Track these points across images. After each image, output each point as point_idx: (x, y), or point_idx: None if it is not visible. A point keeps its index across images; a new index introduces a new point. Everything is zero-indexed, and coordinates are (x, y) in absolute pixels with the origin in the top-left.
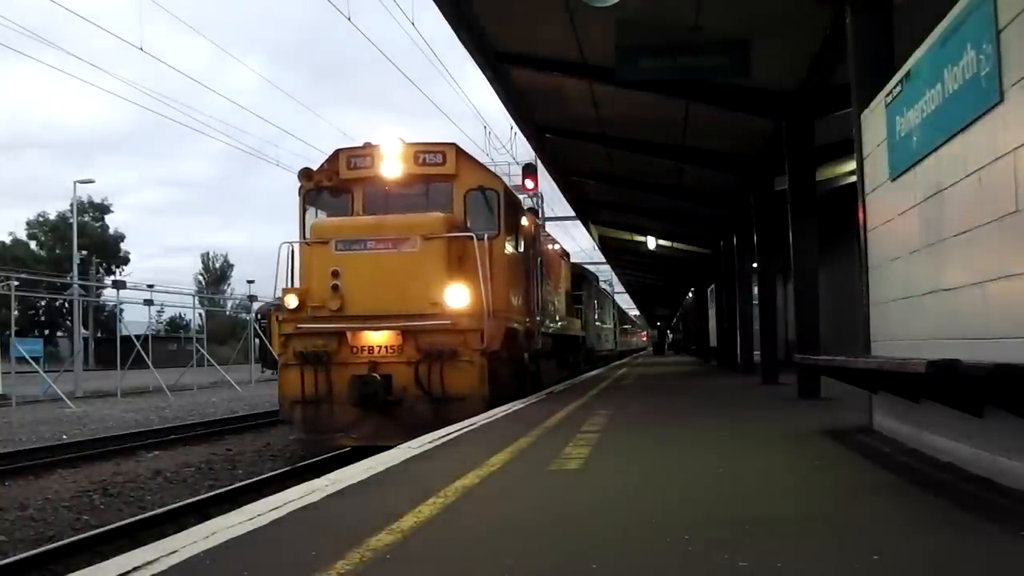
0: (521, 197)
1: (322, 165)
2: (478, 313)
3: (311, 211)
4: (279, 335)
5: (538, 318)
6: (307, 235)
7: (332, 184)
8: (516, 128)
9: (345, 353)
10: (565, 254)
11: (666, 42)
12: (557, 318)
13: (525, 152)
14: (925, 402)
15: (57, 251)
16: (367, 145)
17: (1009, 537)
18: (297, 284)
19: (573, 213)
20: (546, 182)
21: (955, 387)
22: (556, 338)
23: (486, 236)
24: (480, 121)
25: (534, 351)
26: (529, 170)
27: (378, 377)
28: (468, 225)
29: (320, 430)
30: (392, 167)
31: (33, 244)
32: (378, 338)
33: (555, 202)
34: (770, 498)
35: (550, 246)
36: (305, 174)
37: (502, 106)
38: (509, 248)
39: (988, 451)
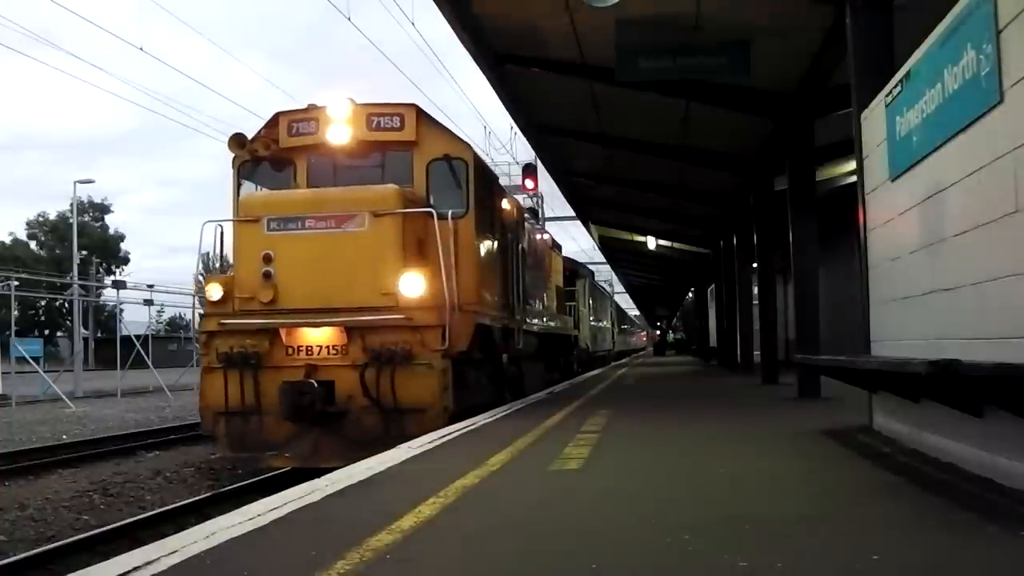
0: (521, 197)
1: (259, 131)
2: (439, 306)
3: (248, 187)
4: (201, 332)
5: (518, 315)
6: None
7: (270, 154)
8: (516, 128)
9: (279, 355)
10: (556, 246)
11: (666, 42)
12: (544, 315)
13: (525, 152)
14: (925, 402)
15: (57, 251)
16: (311, 107)
17: (1009, 537)
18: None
19: (573, 213)
20: (546, 182)
21: (955, 387)
22: (543, 337)
23: (450, 215)
24: (480, 121)
25: (514, 352)
26: (529, 170)
27: (315, 384)
28: (431, 202)
29: (248, 447)
30: (340, 132)
31: (33, 244)
32: (318, 336)
33: (555, 202)
34: (770, 498)
35: (538, 236)
36: (237, 141)
37: (502, 106)
38: (481, 231)
39: (988, 451)
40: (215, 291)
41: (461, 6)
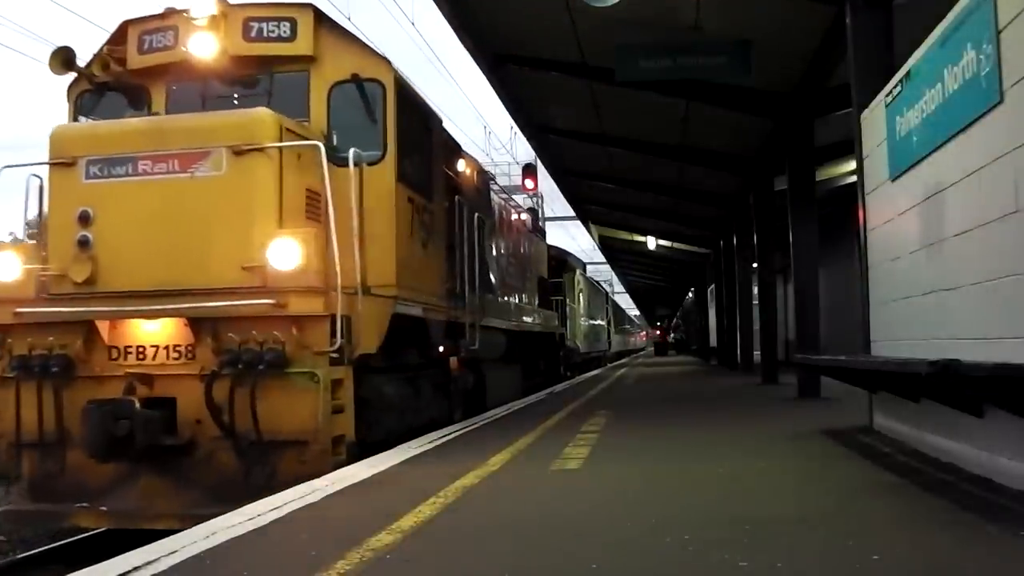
0: (521, 197)
1: (101, 48)
2: (328, 285)
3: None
4: None
5: (474, 307)
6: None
7: (113, 78)
8: (516, 128)
9: (98, 359)
10: (538, 229)
11: (666, 42)
12: (519, 309)
13: (525, 152)
14: (925, 402)
15: None
16: (169, 12)
17: (1009, 537)
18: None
19: (573, 213)
20: (546, 182)
21: (955, 387)
22: (516, 336)
23: (350, 156)
24: (480, 121)
25: (468, 355)
26: (529, 170)
27: (137, 405)
28: (334, 141)
29: (59, 495)
30: (205, 43)
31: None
32: (154, 332)
33: (555, 202)
34: (770, 498)
35: (514, 215)
36: (61, 59)
37: (502, 106)
38: (409, 185)
39: (988, 451)
40: (4, 265)
41: (461, 6)
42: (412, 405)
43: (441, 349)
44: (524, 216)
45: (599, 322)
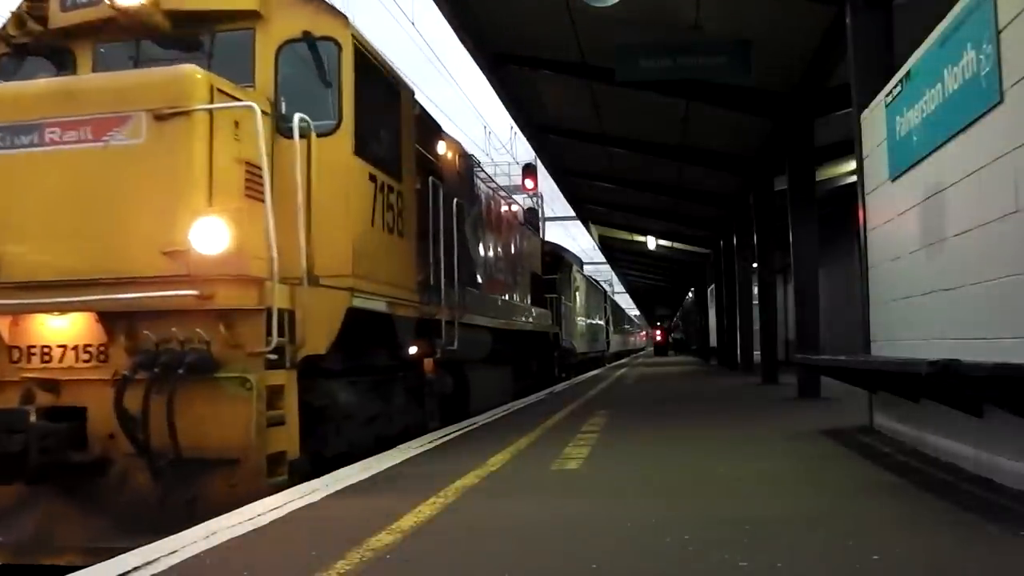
0: (521, 197)
1: (19, 6)
2: (262, 272)
3: None
4: None
5: (453, 302)
6: None
7: (34, 38)
8: (516, 128)
9: None
10: (531, 224)
11: (666, 42)
12: (508, 307)
13: (525, 152)
14: (925, 402)
15: None
16: None
17: (1009, 537)
18: None
19: (573, 213)
20: (546, 182)
21: (955, 387)
22: (505, 336)
23: (295, 123)
24: (480, 121)
25: (446, 356)
26: (529, 170)
27: (30, 415)
28: (283, 108)
29: None
30: None
31: None
32: (60, 329)
33: (555, 202)
34: (770, 498)
35: (504, 206)
36: None
37: (502, 106)
38: (369, 160)
39: (988, 451)
40: None
41: (461, 6)
42: (379, 413)
43: (414, 350)
44: (515, 208)
45: (597, 321)
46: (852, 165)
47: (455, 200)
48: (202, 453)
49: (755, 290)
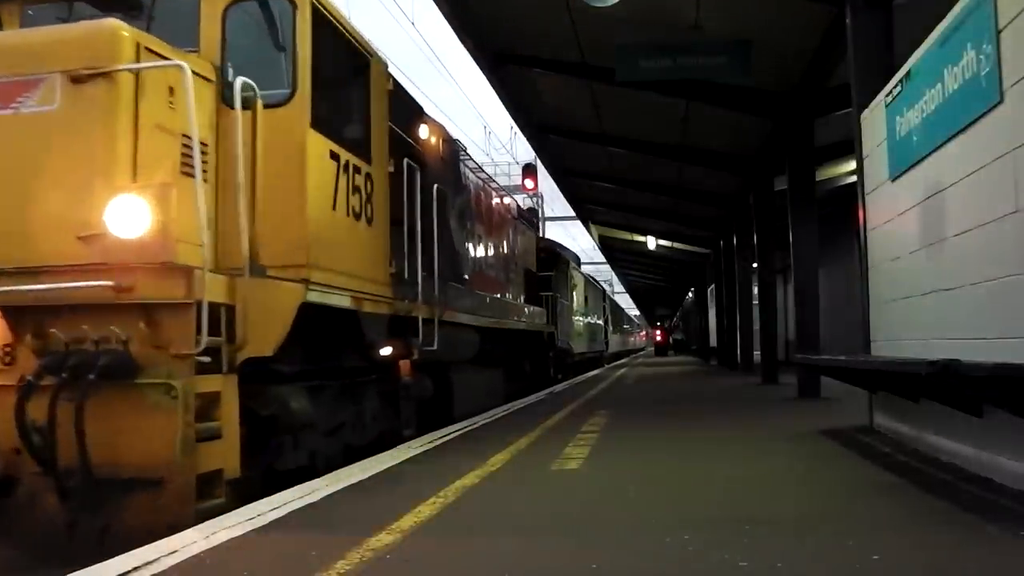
0: (521, 197)
1: None
2: (194, 260)
3: None
4: None
5: (434, 298)
6: None
7: None
8: (516, 128)
9: None
10: (525, 219)
11: (666, 42)
12: (498, 304)
13: (525, 152)
14: (925, 402)
15: None
16: None
17: (1009, 537)
18: None
19: (573, 213)
20: (546, 182)
21: (955, 387)
22: (493, 335)
23: (236, 91)
24: (480, 121)
25: (426, 357)
26: (529, 170)
27: None
28: (229, 75)
29: None
30: None
31: None
32: None
33: (555, 202)
34: (770, 498)
35: (495, 198)
36: None
37: (502, 106)
38: (329, 135)
39: (988, 451)
40: None
41: (461, 6)
42: (346, 421)
43: (388, 350)
44: (509, 201)
45: (595, 321)
46: (852, 165)
47: (436, 187)
48: (118, 472)
49: (755, 290)
